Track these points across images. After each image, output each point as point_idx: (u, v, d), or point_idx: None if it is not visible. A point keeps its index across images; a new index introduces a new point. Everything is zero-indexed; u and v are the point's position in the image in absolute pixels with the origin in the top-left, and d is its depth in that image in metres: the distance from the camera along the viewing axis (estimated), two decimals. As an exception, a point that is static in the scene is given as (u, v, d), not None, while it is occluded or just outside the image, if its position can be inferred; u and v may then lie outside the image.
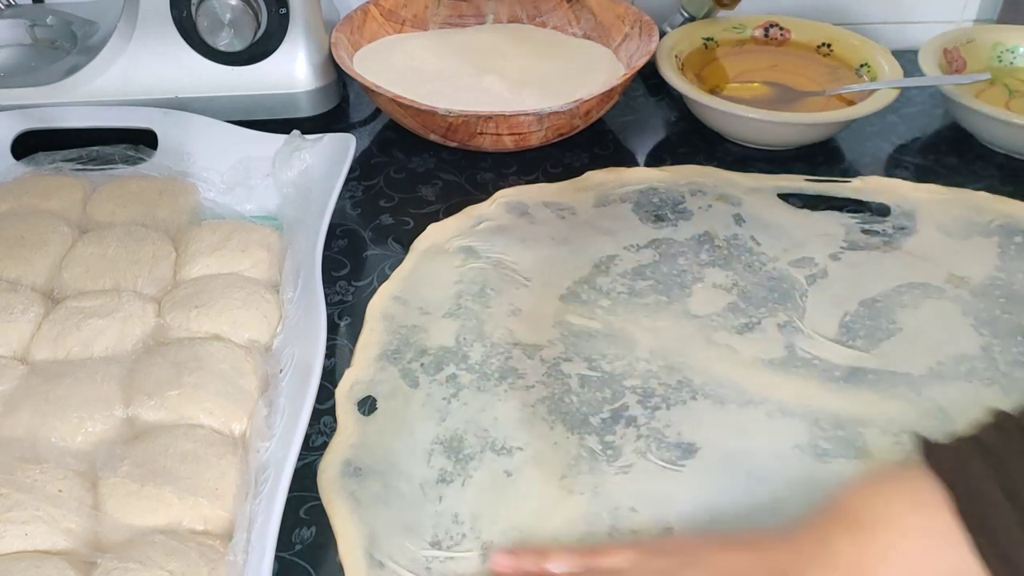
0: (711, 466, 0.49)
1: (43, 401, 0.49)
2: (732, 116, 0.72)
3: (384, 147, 0.76)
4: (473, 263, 0.62)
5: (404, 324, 0.58)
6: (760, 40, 0.84)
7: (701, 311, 0.59)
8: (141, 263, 0.58)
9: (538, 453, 0.50)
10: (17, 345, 0.53)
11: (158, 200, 0.63)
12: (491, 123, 0.68)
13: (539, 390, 0.54)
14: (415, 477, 0.49)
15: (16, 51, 0.81)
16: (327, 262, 0.61)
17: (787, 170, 0.72)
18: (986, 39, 0.81)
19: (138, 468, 0.45)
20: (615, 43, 0.82)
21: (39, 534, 0.43)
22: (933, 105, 0.81)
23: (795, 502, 0.47)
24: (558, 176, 0.72)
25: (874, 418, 0.52)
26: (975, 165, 0.74)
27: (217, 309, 0.54)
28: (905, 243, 0.64)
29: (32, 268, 0.58)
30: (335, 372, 0.55)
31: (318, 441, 0.51)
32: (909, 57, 0.78)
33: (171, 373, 0.50)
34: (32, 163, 0.68)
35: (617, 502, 0.48)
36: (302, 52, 0.75)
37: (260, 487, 0.46)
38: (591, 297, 0.60)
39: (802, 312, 0.59)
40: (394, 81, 0.73)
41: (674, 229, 0.66)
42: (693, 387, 0.54)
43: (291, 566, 0.46)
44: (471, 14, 0.86)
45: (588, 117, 0.73)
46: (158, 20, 0.73)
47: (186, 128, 0.69)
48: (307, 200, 0.63)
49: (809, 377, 0.55)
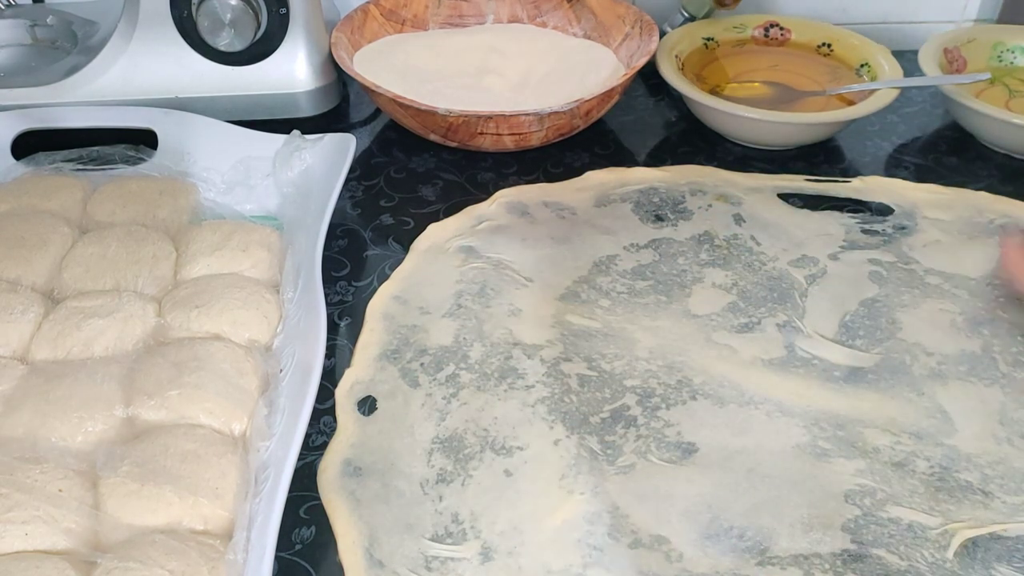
0: (711, 466, 0.49)
1: (43, 401, 0.49)
2: (732, 116, 0.72)
3: (384, 147, 0.76)
4: (473, 263, 0.62)
5: (404, 324, 0.58)
6: (760, 40, 0.84)
7: (701, 311, 0.59)
8: (141, 263, 0.58)
9: (538, 453, 0.50)
10: (17, 345, 0.53)
11: (158, 200, 0.63)
12: (491, 123, 0.68)
13: (539, 390, 0.54)
14: (415, 477, 0.49)
15: (16, 51, 0.81)
16: (327, 262, 0.61)
17: (787, 170, 0.72)
18: (986, 39, 0.81)
19: (138, 468, 0.45)
20: (615, 43, 0.82)
21: (39, 534, 0.43)
22: (933, 105, 0.81)
23: (795, 502, 0.48)
24: (558, 176, 0.72)
25: (874, 418, 0.52)
26: (975, 165, 0.74)
27: (217, 309, 0.54)
28: (905, 243, 0.64)
29: (32, 268, 0.58)
30: (335, 372, 0.56)
31: (318, 441, 0.51)
32: (909, 57, 0.78)
33: (171, 373, 0.50)
34: (32, 163, 0.68)
35: (617, 502, 0.48)
36: (302, 52, 0.75)
37: (260, 487, 0.46)
38: (591, 297, 0.60)
39: (802, 312, 0.59)
40: (394, 81, 0.73)
41: (674, 229, 0.66)
42: (693, 387, 0.54)
43: (291, 566, 0.46)
44: (471, 14, 0.86)
45: (588, 117, 0.73)
46: (158, 20, 0.73)
47: (186, 128, 0.69)
48: (307, 200, 0.63)
49: (809, 377, 0.55)
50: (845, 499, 0.48)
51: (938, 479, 0.49)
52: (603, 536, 0.46)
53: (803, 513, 0.47)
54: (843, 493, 0.48)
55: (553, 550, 0.45)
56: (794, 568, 0.45)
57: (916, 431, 0.51)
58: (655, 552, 0.45)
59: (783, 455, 0.50)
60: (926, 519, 0.47)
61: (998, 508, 0.47)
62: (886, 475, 0.49)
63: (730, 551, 0.45)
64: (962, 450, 0.50)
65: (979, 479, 0.49)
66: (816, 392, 0.54)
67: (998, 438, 0.51)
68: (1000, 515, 0.47)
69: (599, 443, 0.51)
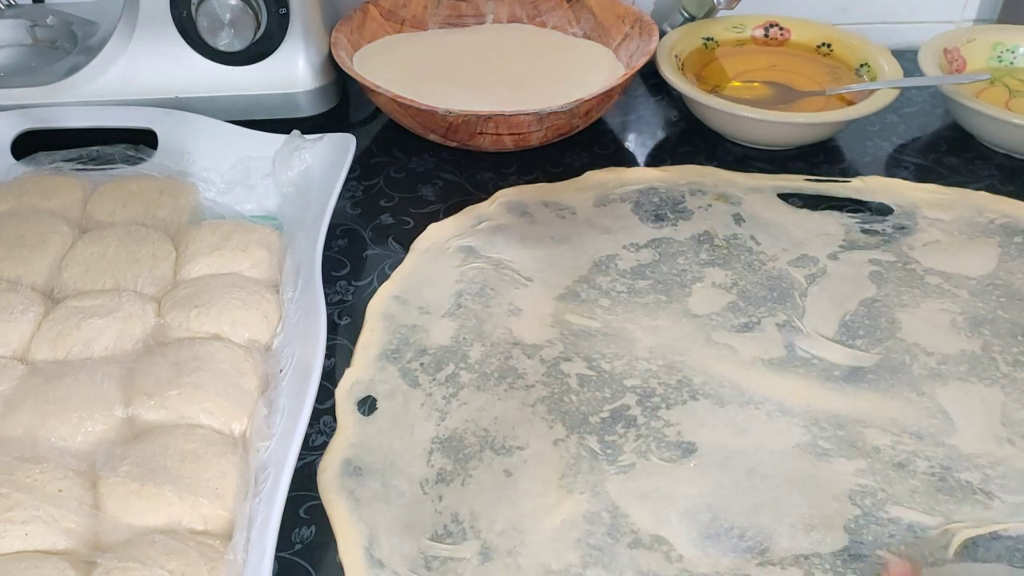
0: (711, 465, 0.49)
1: (43, 401, 0.48)
2: (732, 116, 0.72)
3: (384, 147, 0.76)
4: (473, 263, 0.62)
5: (404, 324, 0.58)
6: (760, 40, 0.84)
7: (701, 311, 0.59)
8: (141, 263, 0.58)
9: (538, 453, 0.50)
10: (17, 345, 0.53)
11: (158, 200, 0.63)
12: (491, 123, 0.68)
13: (539, 390, 0.54)
14: (415, 476, 0.49)
15: (16, 51, 0.81)
16: (327, 262, 0.61)
17: (787, 170, 0.72)
18: (986, 39, 0.81)
19: (138, 468, 0.45)
20: (615, 43, 0.82)
21: (39, 534, 0.43)
22: (933, 105, 0.81)
23: (795, 502, 0.48)
24: (558, 176, 0.72)
25: (874, 418, 0.52)
26: (975, 165, 0.74)
27: (217, 309, 0.54)
28: (905, 243, 0.64)
29: (32, 268, 0.57)
30: (335, 372, 0.56)
31: (318, 441, 0.51)
32: (909, 57, 0.78)
33: (171, 373, 0.50)
34: (32, 163, 0.68)
35: (617, 502, 0.48)
36: (302, 52, 0.75)
37: (260, 486, 0.46)
38: (591, 296, 0.60)
39: (802, 312, 0.59)
40: (394, 81, 0.73)
41: (674, 229, 0.66)
42: (693, 386, 0.54)
43: (291, 565, 0.46)
44: (471, 14, 0.86)
45: (588, 117, 0.73)
46: (158, 20, 0.73)
47: (186, 128, 0.69)
48: (307, 200, 0.63)
49: (809, 377, 0.55)
50: (845, 499, 0.48)
51: (938, 479, 0.49)
52: (603, 536, 0.46)
53: (803, 513, 0.47)
54: (843, 493, 0.48)
55: (553, 550, 0.45)
56: (794, 568, 0.45)
57: (916, 431, 0.51)
58: (655, 552, 0.45)
59: (783, 455, 0.50)
60: (926, 519, 0.47)
61: (998, 508, 0.47)
62: (886, 475, 0.49)
63: (730, 551, 0.45)
64: (962, 450, 0.50)
65: (979, 479, 0.49)
66: (816, 392, 0.54)
67: (999, 438, 0.51)
68: (1000, 515, 0.47)
69: (599, 443, 0.51)
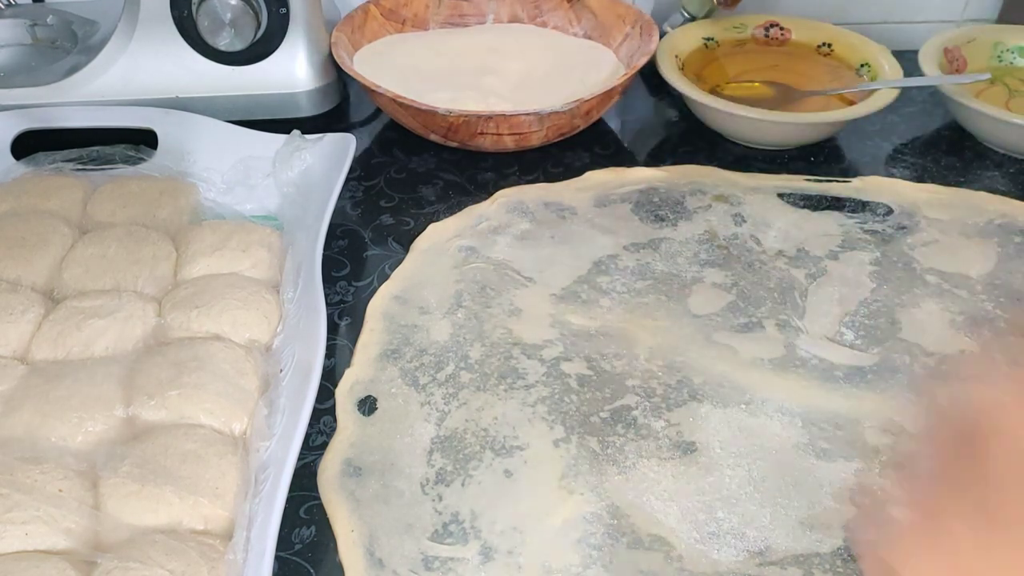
0: (711, 465, 0.49)
1: (43, 401, 0.49)
2: (732, 116, 0.72)
3: (384, 147, 0.76)
4: (473, 263, 0.62)
5: (404, 324, 0.58)
6: (760, 40, 0.84)
7: (701, 311, 0.59)
8: (141, 263, 0.58)
9: (538, 453, 0.50)
10: (17, 345, 0.53)
11: (158, 200, 0.63)
12: (491, 123, 0.68)
13: (539, 390, 0.54)
14: (415, 476, 0.49)
15: (16, 51, 0.81)
16: (327, 262, 0.61)
17: (787, 170, 0.72)
18: (986, 39, 0.81)
19: (138, 468, 0.45)
20: (615, 43, 0.82)
21: (39, 534, 0.43)
22: (933, 105, 0.81)
23: (795, 502, 0.48)
24: (558, 176, 0.72)
25: (874, 418, 0.52)
26: (975, 165, 0.74)
27: (217, 309, 0.54)
28: (905, 243, 0.64)
29: (32, 268, 0.58)
30: (335, 372, 0.56)
31: (318, 441, 0.51)
32: (909, 57, 0.78)
33: (171, 373, 0.50)
34: (32, 163, 0.68)
35: (617, 502, 0.48)
36: (302, 52, 0.75)
37: (260, 486, 0.46)
38: (591, 296, 0.60)
39: (802, 312, 0.59)
40: (394, 81, 0.73)
41: (674, 229, 0.66)
42: (693, 387, 0.54)
43: (291, 565, 0.46)
44: (471, 14, 0.86)
45: (588, 117, 0.73)
46: (158, 20, 0.73)
47: (186, 128, 0.69)
48: (307, 200, 0.63)
49: (809, 377, 0.55)
50: (845, 499, 0.48)
51: (938, 479, 0.49)
52: (603, 536, 0.46)
53: (803, 513, 0.47)
54: (843, 493, 0.48)
55: (553, 550, 0.45)
56: (794, 568, 0.45)
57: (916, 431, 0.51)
58: (655, 552, 0.45)
59: (783, 455, 0.50)
60: (926, 519, 0.47)
61: (998, 508, 0.47)
62: (886, 475, 0.49)
63: (730, 551, 0.45)
64: (962, 450, 0.50)
65: (979, 479, 0.49)
66: (816, 392, 0.54)
67: (998, 438, 0.51)
68: (1000, 515, 0.47)
69: (599, 443, 0.51)
